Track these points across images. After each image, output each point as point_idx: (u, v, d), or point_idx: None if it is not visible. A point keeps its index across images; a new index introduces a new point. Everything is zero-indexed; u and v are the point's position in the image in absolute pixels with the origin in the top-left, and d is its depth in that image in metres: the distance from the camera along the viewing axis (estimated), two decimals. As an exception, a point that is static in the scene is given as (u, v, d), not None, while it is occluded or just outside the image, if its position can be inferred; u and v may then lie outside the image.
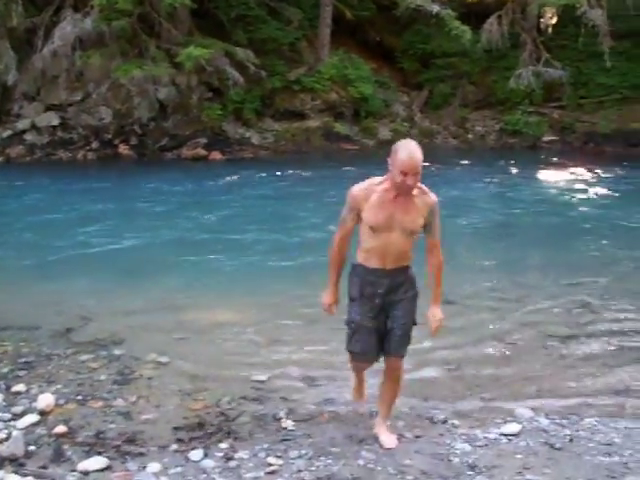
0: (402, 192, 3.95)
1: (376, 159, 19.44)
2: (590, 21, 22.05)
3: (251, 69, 19.44)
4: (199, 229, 11.28)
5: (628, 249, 10.43)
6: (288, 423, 4.65)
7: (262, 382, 5.38)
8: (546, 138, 23.15)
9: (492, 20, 23.18)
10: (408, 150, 3.88)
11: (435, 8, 21.33)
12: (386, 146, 17.40)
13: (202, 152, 18.72)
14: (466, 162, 19.04)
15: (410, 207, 4.03)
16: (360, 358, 4.35)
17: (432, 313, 4.24)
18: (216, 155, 18.76)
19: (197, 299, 7.62)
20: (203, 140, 18.94)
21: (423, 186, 4.07)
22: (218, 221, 11.93)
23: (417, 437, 4.39)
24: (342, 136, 21.11)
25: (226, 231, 11.11)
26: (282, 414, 4.79)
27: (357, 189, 4.10)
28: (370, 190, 4.06)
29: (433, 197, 4.09)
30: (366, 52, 24.22)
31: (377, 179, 4.12)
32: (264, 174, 16.55)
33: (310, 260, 9.23)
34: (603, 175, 17.38)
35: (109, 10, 17.56)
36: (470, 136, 23.52)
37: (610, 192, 15.21)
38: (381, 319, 4.21)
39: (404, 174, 3.84)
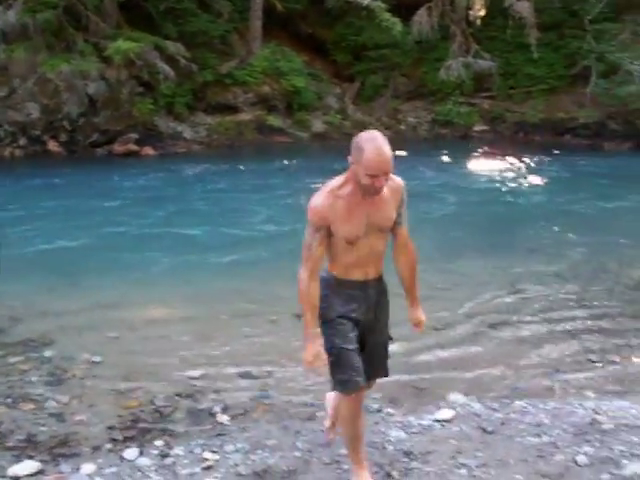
0: (370, 194, 3.30)
1: (310, 152, 19.59)
2: (517, 13, 22.53)
3: (182, 63, 19.26)
4: (137, 226, 11.09)
5: (558, 234, 10.72)
6: (223, 418, 4.66)
7: (197, 378, 5.35)
8: (477, 128, 23.56)
9: (422, 12, 23.46)
10: (375, 147, 3.16)
11: (365, 0, 21.47)
12: (319, 139, 17.57)
13: (134, 147, 18.44)
14: (399, 153, 19.18)
15: (380, 202, 3.40)
16: (354, 388, 3.45)
17: (416, 317, 3.79)
18: (148, 150, 18.52)
19: (132, 297, 7.51)
20: (134, 135, 18.65)
21: None
22: (156, 217, 11.76)
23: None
24: (275, 129, 21.09)
25: (165, 227, 11.00)
26: (217, 409, 4.79)
27: (319, 202, 3.35)
28: (334, 198, 3.35)
29: (400, 181, 3.50)
30: (298, 45, 24.22)
31: (336, 182, 3.41)
32: (199, 169, 16.43)
33: (250, 255, 9.28)
34: (533, 164, 17.77)
35: (33, 2, 17.19)
36: (402, 127, 23.74)
37: (541, 180, 15.57)
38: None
39: (372, 176, 3.18)
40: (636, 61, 21.22)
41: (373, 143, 3.17)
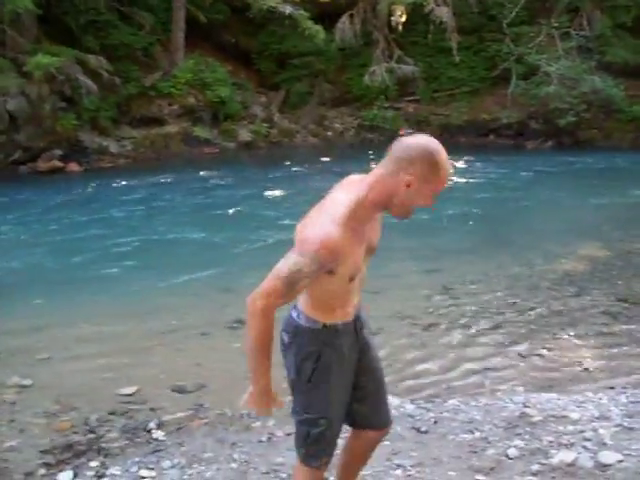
0: (403, 218, 2.59)
1: (237, 162, 19.53)
2: (438, 18, 22.99)
3: (105, 76, 18.99)
4: (67, 242, 10.78)
5: (487, 233, 11.00)
6: (159, 434, 4.61)
7: (130, 395, 5.29)
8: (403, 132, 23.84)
9: (344, 19, 23.74)
10: (447, 161, 2.50)
11: (288, 9, 21.59)
12: (246, 148, 17.46)
13: (58, 164, 17.97)
14: (327, 159, 19.35)
15: (375, 221, 2.71)
16: (328, 461, 2.88)
17: None
18: (73, 167, 18.13)
19: (62, 316, 7.34)
20: (58, 152, 18.24)
21: None
22: (86, 233, 11.43)
23: (288, 435, 4.40)
24: (202, 140, 20.96)
25: (94, 242, 10.74)
26: (152, 425, 4.74)
27: (337, 235, 2.41)
28: (350, 231, 2.46)
29: None
30: (222, 54, 24.15)
31: (348, 207, 2.48)
32: (128, 183, 16.14)
33: (182, 269, 9.11)
34: (460, 165, 18.09)
35: (-54, 18, 16.70)
36: (329, 133, 23.91)
37: (468, 181, 15.86)
38: None
39: (434, 197, 2.56)
40: (553, 62, 21.88)
41: (445, 157, 2.48)
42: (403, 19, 26.30)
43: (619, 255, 9.40)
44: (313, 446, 2.78)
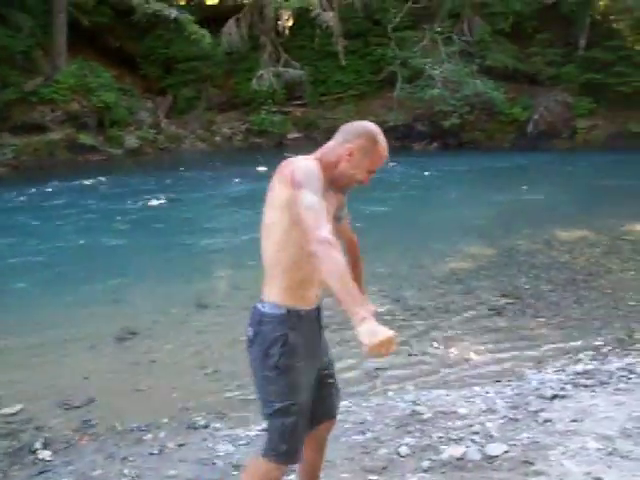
0: (341, 188, 2.88)
1: (125, 168, 19.13)
2: (324, 23, 23.26)
3: (-20, 81, 18.24)
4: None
5: (377, 235, 11.07)
6: (45, 454, 4.43)
7: (13, 415, 5.05)
8: (291, 135, 24.03)
9: (231, 23, 23.73)
10: (385, 142, 2.81)
11: (173, 13, 21.39)
12: (133, 154, 17.02)
13: None
14: (214, 164, 19.21)
15: (332, 198, 2.86)
16: (299, 459, 2.91)
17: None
18: (-51, 177, 17.32)
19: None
20: None
21: None
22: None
23: (180, 446, 4.36)
24: (87, 147, 20.44)
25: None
26: (38, 445, 4.54)
27: (315, 162, 2.74)
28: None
29: None
30: (106, 59, 23.65)
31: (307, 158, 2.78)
32: (9, 194, 15.48)
33: (63, 280, 8.86)
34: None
35: None
36: (217, 138, 23.79)
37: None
38: None
39: (373, 172, 2.84)
40: (436, 66, 22.51)
41: (383, 137, 2.81)
42: (290, 23, 26.55)
43: (503, 252, 9.73)
44: (292, 438, 2.77)
